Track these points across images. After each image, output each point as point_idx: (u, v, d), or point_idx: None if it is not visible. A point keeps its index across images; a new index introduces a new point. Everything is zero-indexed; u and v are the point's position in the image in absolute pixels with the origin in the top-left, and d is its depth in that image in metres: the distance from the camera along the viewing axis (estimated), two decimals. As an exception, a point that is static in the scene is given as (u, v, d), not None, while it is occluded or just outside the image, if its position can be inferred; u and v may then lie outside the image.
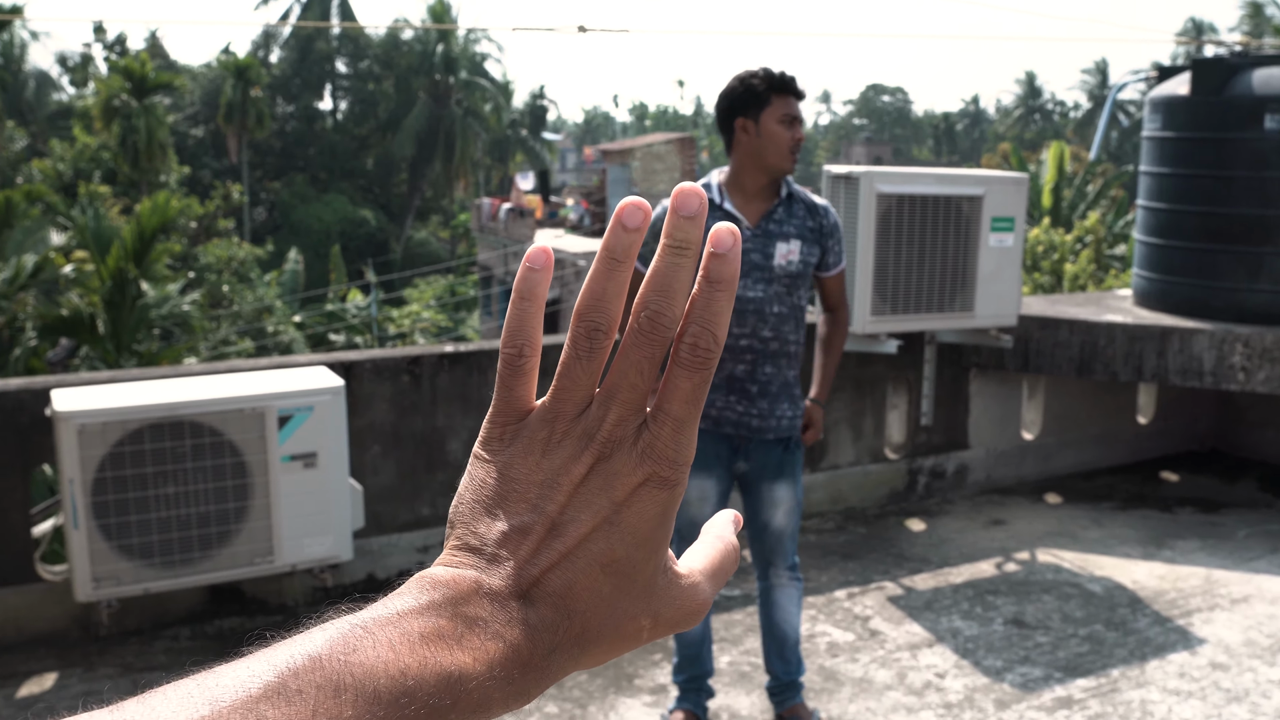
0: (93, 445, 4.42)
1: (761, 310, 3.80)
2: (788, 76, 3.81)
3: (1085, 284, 20.13)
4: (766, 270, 3.80)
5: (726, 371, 3.87)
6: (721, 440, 3.94)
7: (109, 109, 37.05)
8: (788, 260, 3.81)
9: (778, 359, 3.87)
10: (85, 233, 14.48)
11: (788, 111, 3.77)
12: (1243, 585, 5.72)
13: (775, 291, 3.81)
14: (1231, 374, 6.50)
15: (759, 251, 3.80)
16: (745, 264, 3.74)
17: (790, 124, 3.79)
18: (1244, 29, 43.46)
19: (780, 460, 3.97)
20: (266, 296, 29.88)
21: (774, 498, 4.01)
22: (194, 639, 4.98)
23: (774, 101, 3.78)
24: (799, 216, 3.88)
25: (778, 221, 3.84)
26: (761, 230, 3.82)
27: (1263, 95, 6.67)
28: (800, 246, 3.83)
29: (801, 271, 3.84)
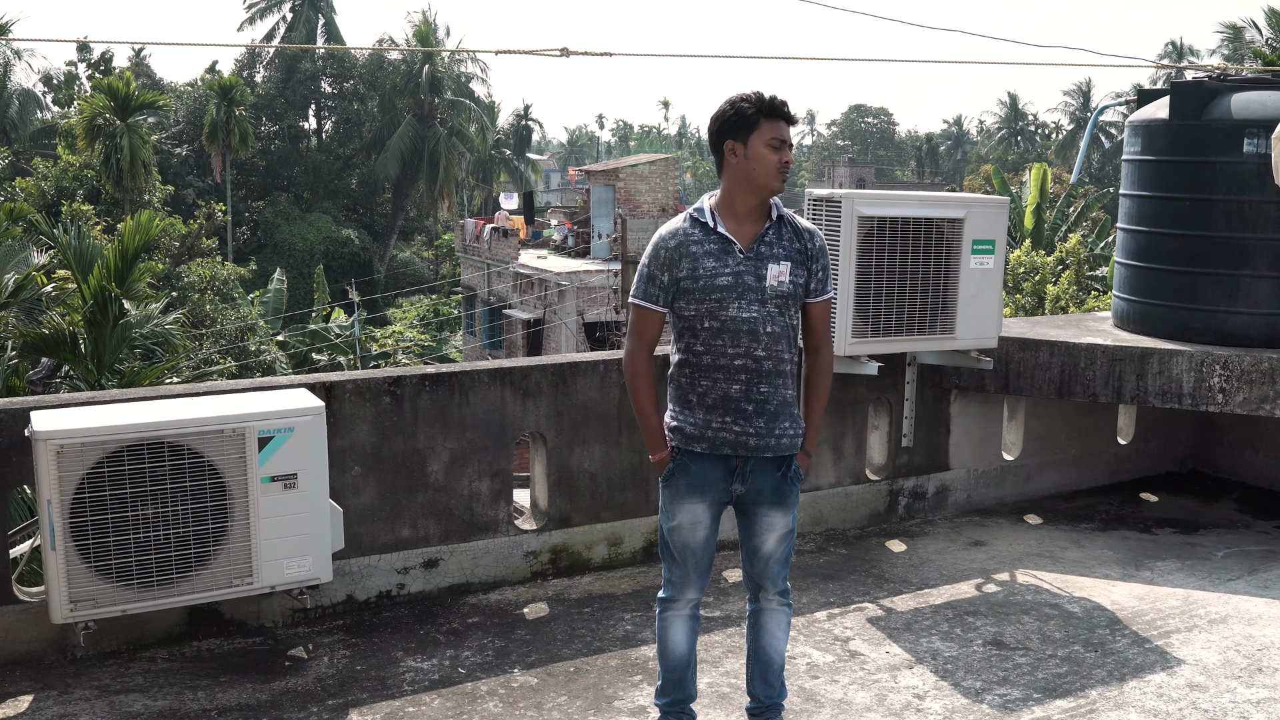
0: (71, 466, 4.40)
1: (755, 330, 3.84)
2: (778, 101, 3.85)
3: (1067, 305, 20.23)
4: (759, 291, 3.85)
5: (721, 391, 3.88)
6: (718, 462, 3.93)
7: (92, 128, 36.99)
8: (779, 281, 3.86)
9: (773, 378, 3.90)
10: (67, 252, 14.42)
11: (776, 135, 3.82)
12: (1221, 606, 5.74)
13: (768, 312, 3.86)
14: (1210, 395, 6.54)
15: (752, 273, 3.84)
16: (738, 285, 3.82)
17: (778, 147, 3.83)
18: (1223, 53, 43.82)
19: (778, 486, 3.97)
20: (249, 316, 29.80)
21: (769, 522, 4.00)
22: (172, 660, 4.95)
23: (763, 125, 3.82)
24: (788, 239, 3.92)
25: (769, 244, 3.88)
26: (754, 253, 3.86)
27: (1241, 119, 6.73)
28: (790, 268, 3.88)
29: (792, 292, 3.89)
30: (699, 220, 3.92)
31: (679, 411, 3.97)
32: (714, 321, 3.85)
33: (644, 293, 3.95)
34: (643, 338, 3.99)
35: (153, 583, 4.60)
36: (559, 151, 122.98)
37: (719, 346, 3.86)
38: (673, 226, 3.96)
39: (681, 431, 3.95)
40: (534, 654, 5.07)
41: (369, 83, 59.65)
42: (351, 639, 5.21)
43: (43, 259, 19.12)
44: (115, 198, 36.44)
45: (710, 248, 3.86)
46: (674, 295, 3.90)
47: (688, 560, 4.03)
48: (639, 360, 3.99)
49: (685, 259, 3.86)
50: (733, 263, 3.84)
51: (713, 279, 3.83)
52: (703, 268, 3.83)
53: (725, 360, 3.86)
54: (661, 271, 3.91)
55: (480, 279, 38.16)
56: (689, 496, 3.96)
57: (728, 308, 3.83)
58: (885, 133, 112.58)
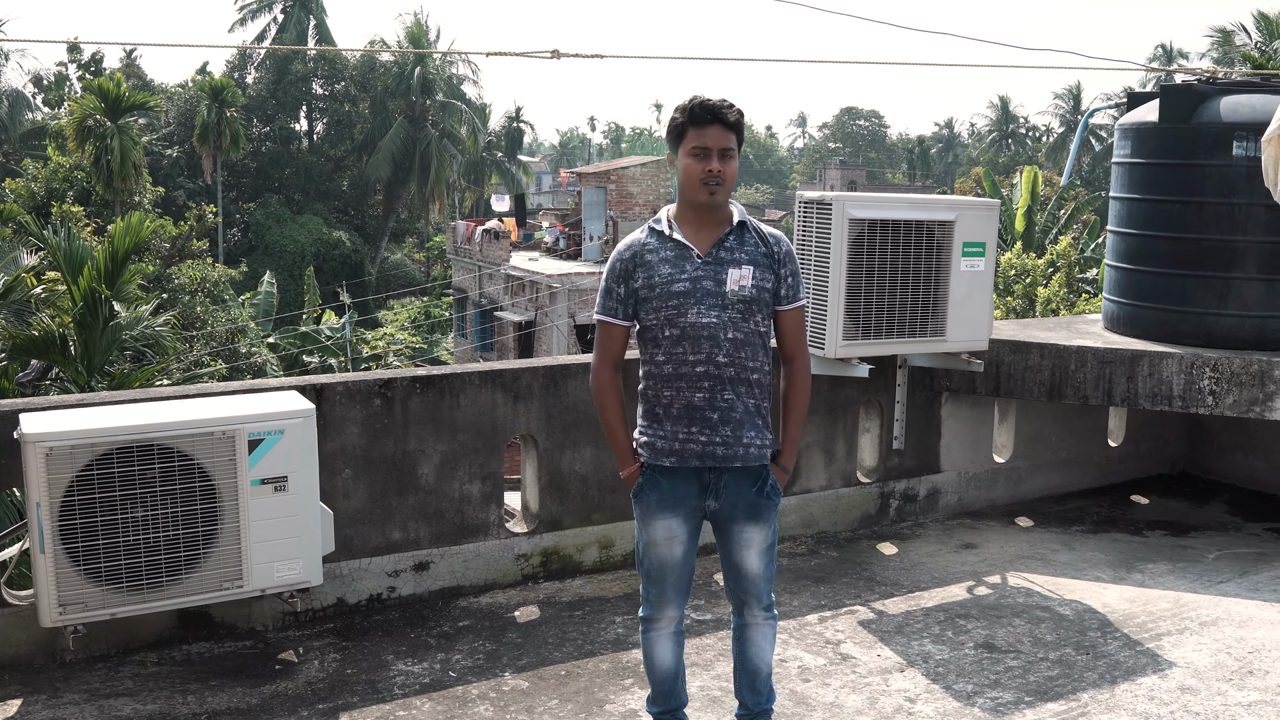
0: (60, 468, 4.39)
1: (715, 336, 3.75)
2: (706, 105, 3.73)
3: (1057, 308, 20.27)
4: (719, 296, 3.75)
5: (685, 400, 3.79)
6: (690, 476, 3.85)
7: (83, 129, 36.87)
8: (740, 285, 3.76)
9: (736, 385, 3.80)
10: (57, 253, 14.37)
11: (699, 143, 3.71)
12: (1212, 608, 5.75)
13: (730, 317, 3.76)
14: (1200, 398, 6.56)
15: (710, 278, 3.76)
16: (697, 291, 3.74)
17: (701, 155, 3.72)
18: (1213, 56, 43.94)
19: (753, 502, 3.87)
20: (240, 318, 29.74)
21: (746, 539, 3.91)
22: (161, 664, 4.94)
23: (688, 133, 3.74)
24: (751, 244, 3.84)
25: (729, 249, 3.80)
26: (712, 258, 3.78)
27: (1230, 122, 6.75)
28: (753, 272, 3.78)
29: (756, 297, 3.79)
30: (655, 229, 3.86)
31: (646, 425, 3.89)
32: (673, 329, 3.77)
33: (603, 306, 3.89)
34: (606, 352, 3.92)
35: (142, 586, 4.58)
36: (551, 154, 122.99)
37: (680, 354, 3.78)
38: (630, 239, 3.91)
39: (650, 446, 3.86)
40: (525, 657, 5.07)
41: (360, 84, 59.59)
42: (342, 642, 5.20)
43: (32, 260, 19.06)
44: (105, 199, 36.34)
45: (666, 254, 3.80)
46: (634, 306, 3.84)
47: (665, 578, 3.95)
48: (602, 375, 3.93)
49: (640, 268, 3.80)
50: (690, 268, 3.76)
51: (668, 284, 3.76)
52: (658, 274, 3.77)
53: (686, 368, 3.77)
54: (618, 283, 3.85)
55: (472, 281, 38.13)
56: (661, 512, 3.87)
57: (686, 313, 3.74)
58: (876, 135, 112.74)
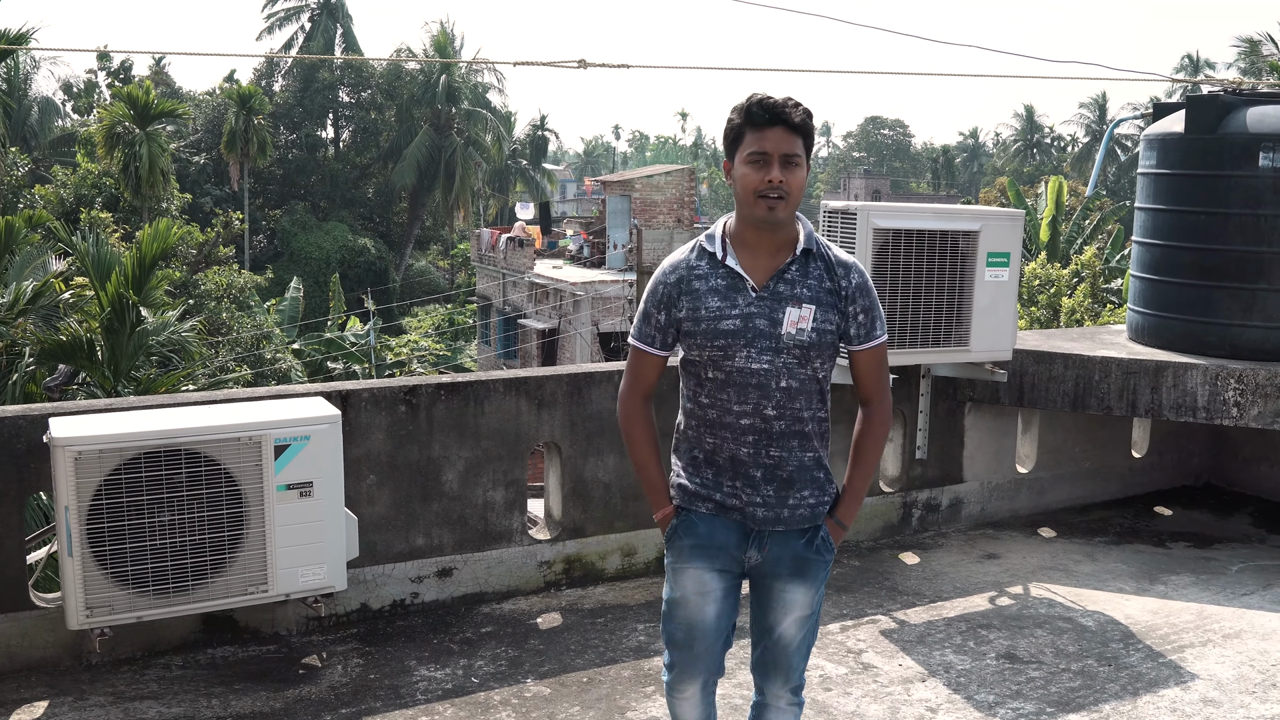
0: (89, 472, 4.44)
1: (765, 385, 3.25)
2: (766, 104, 3.19)
3: (1082, 318, 20.17)
4: (773, 339, 3.24)
5: (729, 453, 3.33)
6: (730, 525, 3.37)
7: (112, 136, 37.18)
8: (797, 329, 3.24)
9: (787, 440, 3.30)
10: (85, 259, 14.49)
11: (757, 148, 3.17)
12: (1235, 620, 5.72)
13: (784, 363, 3.25)
14: (1225, 409, 6.53)
15: (765, 317, 3.24)
16: (749, 331, 3.23)
17: (761, 162, 3.18)
18: (1240, 66, 43.69)
19: (800, 556, 3.37)
20: (265, 324, 29.91)
21: (787, 600, 3.39)
22: (186, 668, 4.98)
23: (745, 138, 3.21)
24: (815, 276, 3.29)
25: (789, 282, 3.26)
26: (769, 292, 3.25)
27: (1257, 133, 6.72)
28: (815, 313, 3.25)
29: (815, 341, 3.25)
30: (707, 250, 3.34)
31: (683, 467, 3.44)
32: (718, 372, 3.29)
33: (639, 332, 3.44)
34: (638, 380, 3.48)
35: (168, 589, 4.63)
36: (575, 162, 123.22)
37: (724, 401, 3.30)
38: (676, 258, 3.41)
39: (684, 489, 3.42)
40: (547, 664, 5.09)
41: (386, 92, 59.87)
42: (365, 647, 5.23)
43: (61, 266, 19.22)
44: (133, 205, 36.63)
45: (717, 284, 3.28)
46: (674, 336, 3.37)
47: (694, 643, 3.42)
48: (632, 404, 3.49)
49: (686, 296, 3.30)
50: (743, 303, 3.25)
51: (716, 322, 3.25)
52: (705, 308, 3.27)
53: (731, 418, 3.29)
54: (659, 310, 3.37)
55: (496, 289, 38.23)
56: (694, 560, 3.38)
57: (734, 357, 3.25)
58: (901, 145, 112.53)
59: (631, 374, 3.49)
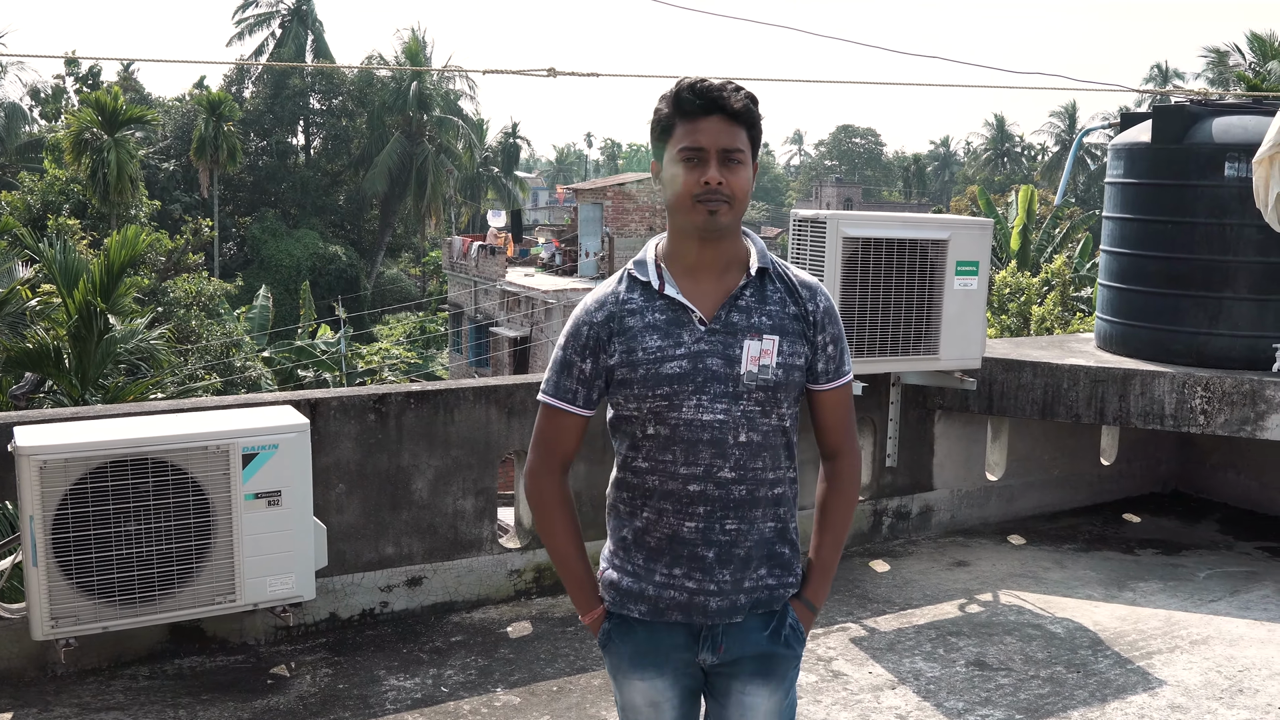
0: (54, 482, 4.39)
1: (721, 440, 2.60)
2: (696, 89, 2.58)
3: (1052, 327, 20.32)
4: (729, 381, 2.60)
5: (669, 529, 2.65)
6: (674, 627, 2.71)
7: (79, 142, 36.91)
8: (759, 365, 2.61)
9: (747, 509, 2.65)
10: (53, 266, 14.39)
11: (690, 142, 2.55)
12: (1203, 627, 5.76)
13: (744, 411, 2.61)
14: (1192, 417, 6.58)
15: (718, 354, 2.60)
16: (699, 374, 2.59)
17: (694, 161, 2.55)
18: (1208, 76, 44.15)
19: (765, 652, 2.72)
20: (235, 332, 29.74)
21: (751, 704, 2.74)
22: (153, 678, 4.93)
23: (676, 131, 2.59)
24: (775, 301, 2.68)
25: (744, 309, 2.64)
26: (721, 323, 2.62)
27: (1222, 143, 6.79)
28: (779, 344, 2.63)
29: (782, 380, 2.63)
30: (639, 280, 2.68)
31: (614, 553, 2.78)
32: (661, 427, 2.62)
33: (556, 387, 2.72)
34: (551, 450, 2.76)
35: (135, 599, 4.59)
36: (547, 169, 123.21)
37: (667, 464, 2.63)
38: (600, 292, 2.73)
39: (616, 586, 2.74)
40: (517, 673, 5.07)
41: (358, 99, 59.69)
42: (334, 657, 5.20)
43: (28, 273, 19.06)
44: (101, 212, 36.36)
45: (655, 319, 2.63)
46: (601, 390, 2.71)
47: None
48: (546, 481, 2.77)
49: (619, 337, 2.64)
50: (689, 339, 2.60)
51: (658, 365, 2.60)
52: (643, 349, 2.61)
53: (676, 484, 2.63)
54: (583, 357, 2.68)
55: (467, 296, 38.17)
56: (638, 670, 2.74)
57: (681, 407, 2.59)
58: (873, 153, 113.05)
59: (544, 441, 2.77)
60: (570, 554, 2.80)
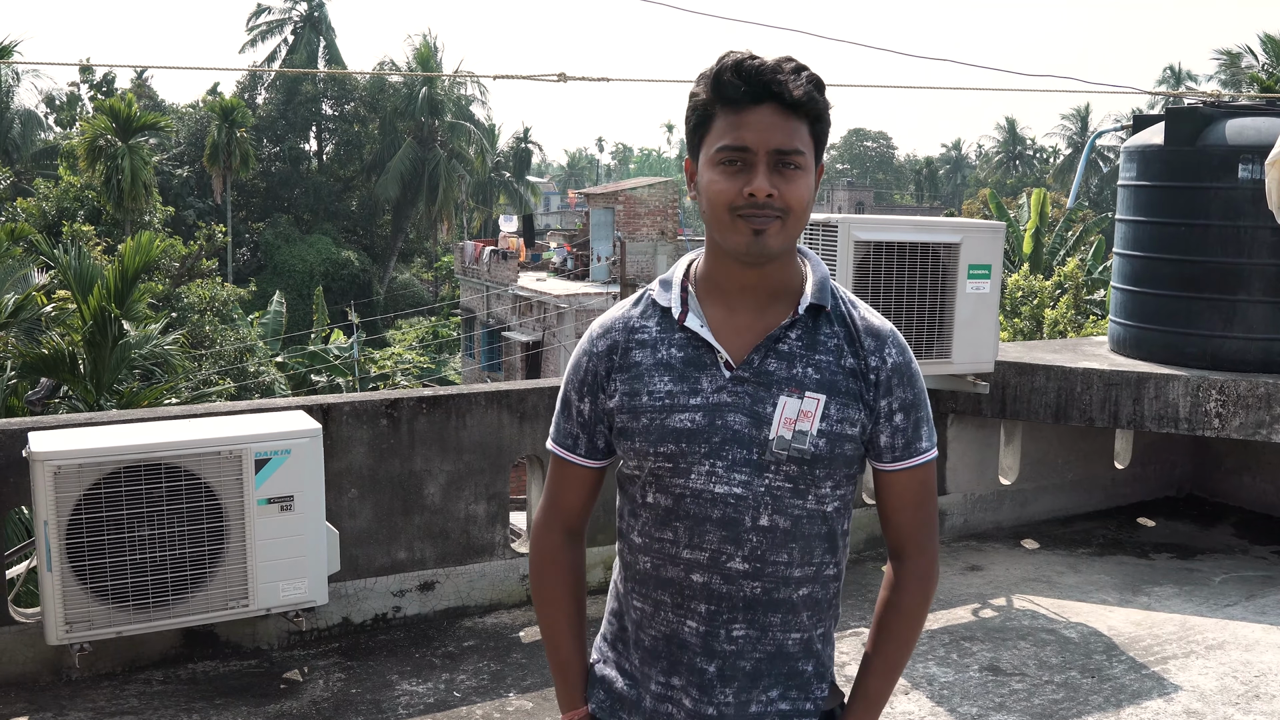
0: (68, 487, 4.41)
1: (735, 521, 2.04)
2: (744, 69, 1.97)
3: (1065, 330, 20.26)
4: (754, 446, 2.03)
5: (666, 626, 2.11)
6: None
7: (94, 149, 37.06)
8: (794, 431, 2.03)
9: (762, 613, 2.08)
10: (68, 272, 14.45)
11: (734, 140, 1.97)
12: (1218, 631, 5.74)
13: (770, 487, 2.04)
14: (1207, 420, 6.55)
15: (743, 410, 2.04)
16: (715, 432, 2.04)
17: (737, 164, 1.98)
18: (1221, 78, 44.02)
19: None
20: (249, 337, 29.83)
21: None
22: (167, 683, 4.95)
23: (716, 123, 2.00)
24: (828, 349, 2.09)
25: (785, 356, 2.06)
26: (752, 370, 2.05)
27: (1236, 145, 6.76)
28: (825, 406, 2.04)
29: (824, 454, 2.05)
30: (658, 305, 2.14)
31: (611, 643, 2.26)
32: (662, 495, 2.09)
33: (556, 428, 2.27)
34: (554, 504, 2.29)
35: (149, 604, 4.60)
36: (559, 174, 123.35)
37: (666, 543, 2.10)
38: (612, 315, 2.21)
39: (610, 687, 2.24)
40: (529, 678, 5.07)
41: (370, 105, 59.85)
42: (347, 662, 5.21)
43: (43, 279, 19.15)
44: (116, 218, 36.50)
45: (669, 356, 2.09)
46: (607, 436, 2.19)
47: None
48: (543, 538, 2.31)
49: (621, 374, 2.12)
50: (709, 387, 2.05)
51: (665, 415, 2.06)
52: (649, 392, 2.08)
53: (676, 571, 2.09)
54: (581, 395, 2.19)
55: (479, 301, 38.22)
56: None
57: (689, 473, 2.05)
58: (884, 157, 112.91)
59: (548, 494, 2.31)
60: (560, 633, 2.29)
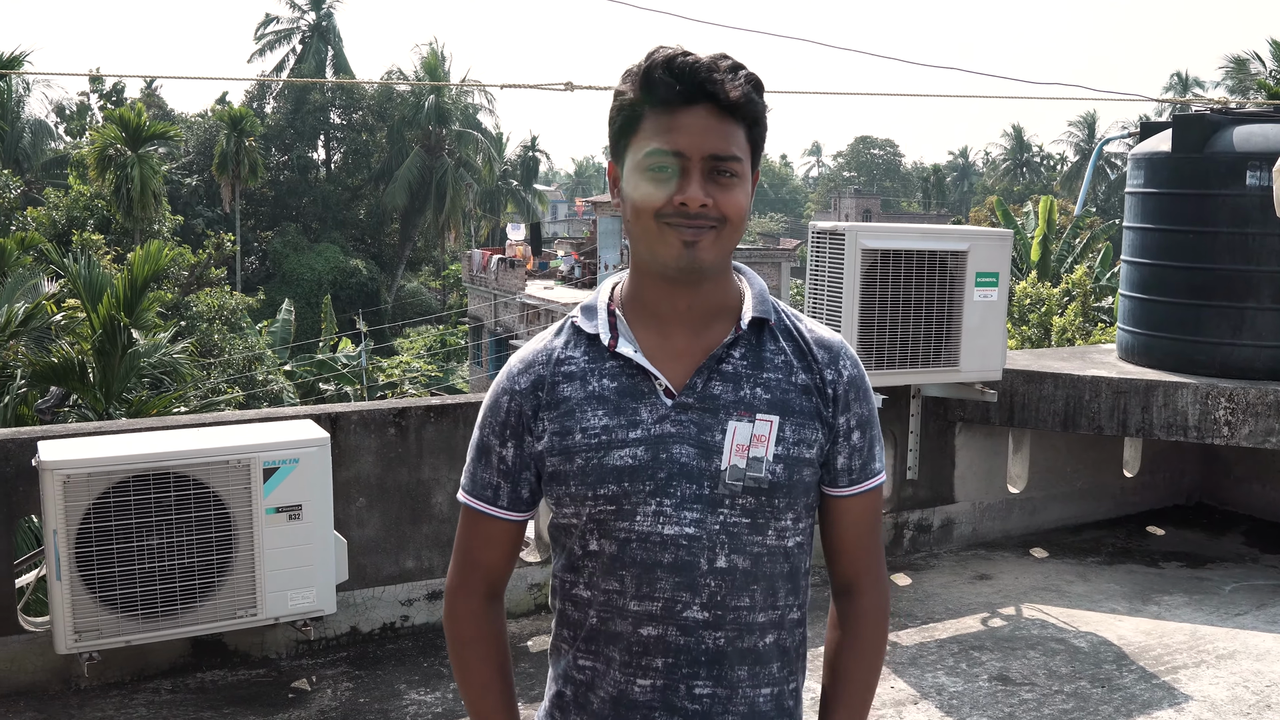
0: (77, 496, 4.42)
1: (689, 564, 1.83)
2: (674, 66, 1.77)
3: (1073, 337, 20.22)
4: (704, 479, 1.83)
5: (615, 687, 1.89)
6: None
7: (104, 158, 37.19)
8: (749, 458, 1.83)
9: (727, 667, 1.87)
10: (77, 281, 14.52)
11: (663, 143, 1.76)
12: (1229, 641, 5.72)
13: (725, 524, 1.83)
14: (1216, 428, 6.54)
15: (689, 441, 1.83)
16: (660, 467, 1.82)
17: (665, 171, 1.77)
18: (1228, 85, 43.97)
19: None
20: (257, 345, 29.88)
21: None
22: (175, 692, 4.95)
23: (644, 125, 1.80)
24: (776, 365, 1.89)
25: (731, 377, 1.86)
26: (696, 396, 1.85)
27: (1243, 152, 6.75)
28: (779, 427, 1.85)
29: (782, 481, 1.84)
30: (584, 333, 1.92)
31: (550, 713, 2.03)
32: (606, 542, 1.86)
33: (470, 478, 2.00)
34: (470, 563, 2.01)
35: (157, 613, 4.61)
36: (566, 183, 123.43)
37: (613, 595, 1.87)
38: (532, 348, 1.97)
39: None
40: (537, 687, 5.06)
41: (377, 114, 59.97)
42: (355, 671, 5.21)
43: (53, 288, 19.23)
44: (125, 227, 36.62)
45: (602, 387, 1.87)
46: (531, 485, 1.95)
47: None
48: (458, 603, 2.01)
49: (548, 411, 1.89)
50: (649, 417, 1.84)
51: (602, 453, 1.84)
52: (583, 429, 1.85)
53: (624, 625, 1.86)
54: (502, 440, 1.95)
55: (487, 309, 38.24)
56: None
57: (634, 515, 1.83)
58: (891, 164, 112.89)
59: (461, 552, 2.02)
60: (485, 710, 2.00)
